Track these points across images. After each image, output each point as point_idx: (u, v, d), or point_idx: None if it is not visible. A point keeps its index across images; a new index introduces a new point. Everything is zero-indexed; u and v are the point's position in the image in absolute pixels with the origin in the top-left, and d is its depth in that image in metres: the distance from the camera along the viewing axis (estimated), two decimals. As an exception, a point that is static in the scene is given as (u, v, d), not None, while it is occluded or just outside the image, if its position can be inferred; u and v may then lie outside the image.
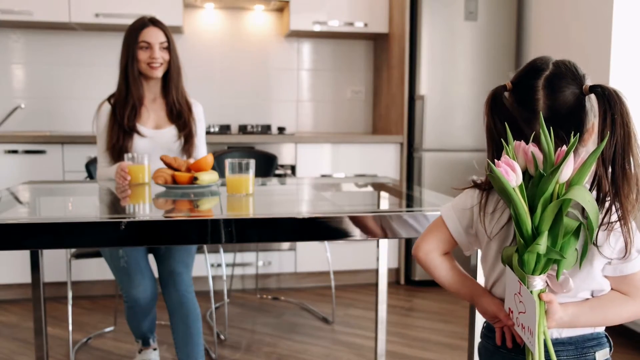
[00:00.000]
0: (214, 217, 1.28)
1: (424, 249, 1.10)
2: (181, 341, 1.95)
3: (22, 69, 3.55)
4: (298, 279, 3.46)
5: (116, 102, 2.20)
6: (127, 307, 2.01)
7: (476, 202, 1.06)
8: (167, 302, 2.00)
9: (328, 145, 3.33)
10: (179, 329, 1.96)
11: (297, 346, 2.55)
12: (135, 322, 2.07)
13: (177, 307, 1.97)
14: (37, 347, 1.93)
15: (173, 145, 2.24)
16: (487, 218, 1.04)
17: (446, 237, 1.09)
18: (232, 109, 3.81)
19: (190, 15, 3.70)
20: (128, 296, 1.96)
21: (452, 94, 3.40)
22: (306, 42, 3.87)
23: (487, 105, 1.04)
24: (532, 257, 0.92)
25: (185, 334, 1.95)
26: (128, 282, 1.95)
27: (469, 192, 1.09)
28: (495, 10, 3.40)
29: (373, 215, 1.32)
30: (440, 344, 2.60)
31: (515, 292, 0.95)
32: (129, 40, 2.18)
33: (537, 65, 1.03)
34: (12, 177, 2.99)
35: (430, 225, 1.13)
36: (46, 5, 3.21)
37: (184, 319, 1.96)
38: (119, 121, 2.16)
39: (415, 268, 3.45)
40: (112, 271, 2.02)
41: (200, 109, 2.38)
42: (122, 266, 1.96)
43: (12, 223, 1.20)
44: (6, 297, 3.15)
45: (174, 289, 1.98)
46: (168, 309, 2.00)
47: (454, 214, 1.09)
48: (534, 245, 0.90)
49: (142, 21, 2.20)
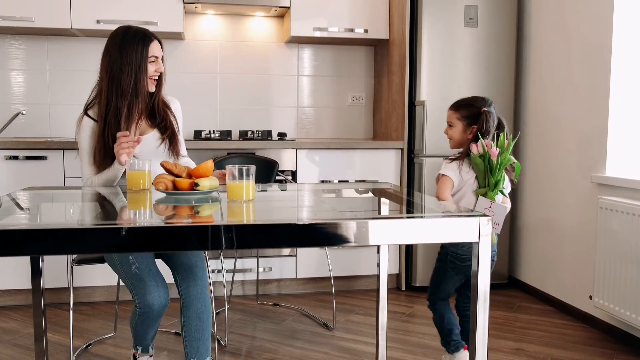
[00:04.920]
0: (214, 223, 1.28)
1: (446, 196, 2.14)
2: (192, 336, 1.98)
3: (24, 75, 3.56)
4: (298, 285, 3.46)
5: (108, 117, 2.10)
6: (139, 314, 1.97)
7: (456, 167, 2.17)
8: (183, 296, 2.01)
9: (328, 151, 3.34)
10: (192, 323, 1.98)
11: (297, 352, 2.54)
12: (144, 328, 2.04)
13: (194, 302, 2.00)
14: (38, 353, 1.93)
15: (158, 149, 2.23)
16: (463, 174, 2.15)
17: (451, 184, 2.15)
18: (232, 114, 3.82)
19: (191, 21, 3.71)
20: (142, 302, 1.93)
21: (452, 100, 3.36)
22: (307, 48, 3.88)
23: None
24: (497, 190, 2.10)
25: (198, 329, 1.98)
26: (142, 289, 1.93)
27: (452, 163, 2.18)
28: (495, 16, 3.41)
29: (373, 221, 1.33)
30: (441, 350, 2.59)
31: (486, 207, 2.06)
32: (136, 55, 2.11)
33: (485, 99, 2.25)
34: (12, 183, 2.99)
35: (439, 184, 2.16)
36: (47, 12, 3.22)
37: (199, 314, 1.99)
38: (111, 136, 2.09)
39: (415, 274, 3.45)
40: (123, 278, 1.99)
41: (178, 105, 2.35)
42: (134, 272, 1.94)
43: (12, 229, 1.20)
44: (7, 303, 3.14)
45: (194, 283, 2.01)
46: (183, 303, 2.01)
47: (451, 172, 2.15)
48: (499, 184, 2.10)
49: (145, 33, 2.16)
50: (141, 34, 2.15)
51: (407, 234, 1.36)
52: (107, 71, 2.12)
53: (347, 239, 1.32)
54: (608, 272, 2.66)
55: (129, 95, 2.12)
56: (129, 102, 2.12)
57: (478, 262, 1.37)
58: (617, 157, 2.81)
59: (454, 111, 2.26)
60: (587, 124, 2.94)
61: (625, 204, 2.55)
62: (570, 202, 3.08)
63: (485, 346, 1.40)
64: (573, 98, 3.06)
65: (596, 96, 2.87)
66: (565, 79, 3.13)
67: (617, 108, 2.79)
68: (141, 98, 2.16)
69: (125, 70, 2.10)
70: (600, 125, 2.84)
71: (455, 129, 2.25)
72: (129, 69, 2.11)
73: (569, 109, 3.09)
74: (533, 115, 3.43)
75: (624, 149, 2.81)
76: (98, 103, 2.15)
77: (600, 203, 2.71)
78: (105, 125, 2.10)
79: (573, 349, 2.62)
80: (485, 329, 1.39)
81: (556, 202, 3.20)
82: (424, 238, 1.38)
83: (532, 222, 3.45)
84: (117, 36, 2.14)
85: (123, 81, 2.10)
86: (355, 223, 1.32)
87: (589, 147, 2.92)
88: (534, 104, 3.43)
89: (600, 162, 2.84)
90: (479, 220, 1.37)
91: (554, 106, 3.23)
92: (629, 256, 2.53)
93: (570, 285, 3.09)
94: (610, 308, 2.65)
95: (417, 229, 1.36)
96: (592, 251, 2.89)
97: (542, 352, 2.57)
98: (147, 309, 1.93)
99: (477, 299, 1.38)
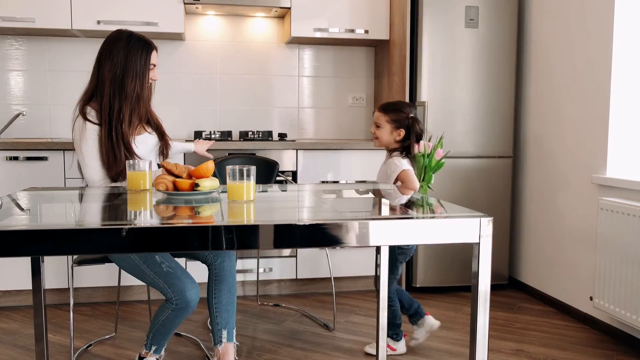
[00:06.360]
0: (215, 223, 1.28)
1: (417, 185, 2.38)
2: (223, 308, 2.13)
3: (24, 76, 3.56)
4: (299, 285, 3.46)
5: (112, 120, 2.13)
6: (176, 310, 2.00)
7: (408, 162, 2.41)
8: (217, 270, 2.16)
9: (329, 151, 3.34)
10: (223, 296, 2.14)
11: (298, 353, 2.54)
12: (176, 325, 2.08)
13: (227, 276, 2.16)
14: (38, 353, 1.93)
15: (153, 149, 2.30)
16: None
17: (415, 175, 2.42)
18: (233, 115, 3.82)
19: (191, 22, 3.71)
20: (181, 299, 1.98)
21: (452, 101, 3.40)
22: (307, 49, 3.88)
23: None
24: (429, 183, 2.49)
25: (228, 301, 2.15)
26: (180, 286, 1.98)
27: (404, 160, 2.42)
28: (495, 17, 3.41)
29: (374, 221, 1.33)
30: (442, 350, 2.59)
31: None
32: (140, 61, 2.16)
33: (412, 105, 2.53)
34: (13, 184, 2.99)
35: (409, 178, 2.36)
36: (48, 13, 3.23)
37: (230, 287, 2.16)
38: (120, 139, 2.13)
39: (416, 274, 3.45)
40: (151, 279, 2.00)
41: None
42: (167, 271, 1.99)
43: (13, 230, 1.20)
44: (7, 303, 3.14)
45: (228, 259, 2.18)
46: (216, 277, 2.16)
47: (409, 167, 2.40)
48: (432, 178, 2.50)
49: (147, 42, 2.21)
50: (144, 42, 2.21)
51: (407, 235, 1.36)
52: (109, 74, 2.14)
53: (348, 239, 1.32)
54: (608, 273, 2.66)
55: (132, 100, 2.16)
56: (132, 107, 2.16)
57: (478, 263, 1.37)
58: (618, 158, 2.81)
59: (384, 114, 2.46)
60: (588, 125, 2.94)
61: (626, 205, 2.55)
62: (570, 203, 3.08)
63: (485, 347, 1.40)
64: (574, 98, 3.06)
65: (597, 97, 2.87)
66: (565, 80, 3.12)
67: (617, 109, 2.79)
68: (142, 104, 2.21)
69: (130, 76, 2.15)
70: (601, 126, 2.84)
71: (383, 130, 2.46)
72: (133, 74, 2.15)
73: (569, 110, 3.09)
74: (533, 116, 3.43)
75: (625, 150, 2.81)
76: (98, 106, 2.15)
77: (600, 204, 2.71)
78: (110, 128, 2.13)
79: (573, 350, 2.62)
80: (486, 329, 1.39)
81: (557, 203, 3.20)
82: (424, 239, 1.38)
83: (532, 223, 3.45)
84: (121, 40, 2.17)
85: (127, 86, 2.15)
86: (356, 224, 1.32)
87: (590, 148, 2.92)
88: (534, 105, 3.42)
89: (600, 163, 2.84)
90: (479, 220, 1.37)
91: (554, 107, 3.23)
92: (630, 257, 2.53)
93: (570, 286, 3.09)
94: (610, 309, 2.65)
95: (417, 230, 1.36)
96: (593, 252, 2.88)
97: (542, 353, 2.57)
98: (185, 304, 1.99)
99: (477, 299, 1.38)
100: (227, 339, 2.13)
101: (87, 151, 2.14)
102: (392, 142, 2.47)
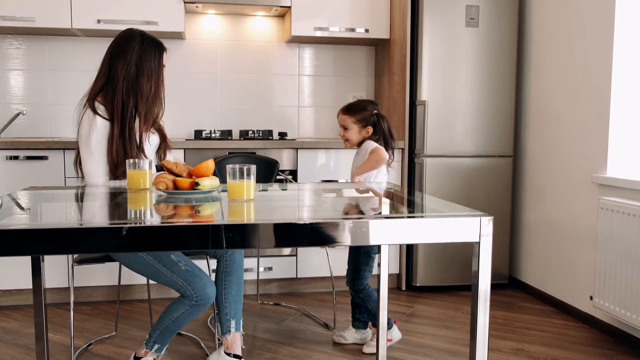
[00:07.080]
0: (215, 222, 1.28)
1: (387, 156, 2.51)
2: (232, 299, 2.23)
3: (24, 75, 3.56)
4: (299, 284, 3.46)
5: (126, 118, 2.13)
6: (194, 306, 2.04)
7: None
8: (228, 262, 2.24)
9: (329, 150, 3.33)
10: (232, 287, 2.23)
11: (298, 352, 2.54)
12: (185, 324, 2.11)
13: (236, 268, 2.24)
14: (38, 353, 1.93)
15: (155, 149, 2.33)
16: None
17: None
18: (233, 114, 3.82)
19: (191, 21, 3.71)
20: (202, 295, 2.02)
21: (453, 100, 3.40)
22: (307, 48, 3.88)
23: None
24: None
25: (237, 292, 2.24)
26: (199, 283, 2.02)
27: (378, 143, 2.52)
28: (496, 16, 3.41)
29: (374, 220, 1.33)
30: (442, 350, 2.59)
31: None
32: (154, 61, 2.19)
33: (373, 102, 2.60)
34: (13, 183, 2.99)
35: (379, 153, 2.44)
36: (48, 12, 3.22)
37: (238, 279, 2.24)
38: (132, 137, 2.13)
39: (416, 274, 3.45)
40: (170, 277, 2.02)
41: None
42: (185, 269, 2.02)
43: (13, 229, 1.20)
44: (8, 303, 3.15)
45: (238, 252, 2.27)
46: (226, 269, 2.24)
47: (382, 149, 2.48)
48: None
49: (159, 43, 2.24)
50: (156, 42, 2.24)
51: (408, 234, 1.36)
52: (122, 72, 2.15)
53: (348, 238, 1.32)
54: (609, 273, 2.66)
55: (149, 99, 2.19)
56: (147, 106, 2.18)
57: (478, 262, 1.37)
58: (618, 157, 2.80)
59: (349, 116, 2.52)
60: (588, 124, 2.94)
61: (626, 204, 2.55)
62: (571, 202, 3.08)
63: (485, 346, 1.40)
64: (574, 98, 3.06)
65: (597, 96, 2.87)
66: (566, 79, 3.12)
67: (618, 108, 2.79)
68: (159, 103, 2.25)
69: (144, 75, 2.18)
70: (601, 125, 2.84)
71: (351, 132, 2.53)
72: (148, 74, 2.18)
73: (570, 109, 3.09)
74: (534, 115, 3.43)
75: (625, 149, 2.81)
76: (110, 102, 2.15)
77: (601, 203, 2.71)
78: (123, 125, 2.13)
79: (573, 350, 2.62)
80: (486, 329, 1.39)
81: (557, 203, 3.20)
82: (424, 238, 1.37)
83: (532, 223, 3.45)
84: (134, 40, 2.19)
85: (143, 84, 2.17)
86: (356, 223, 1.32)
87: (590, 148, 2.92)
88: (534, 104, 3.42)
89: (601, 163, 2.84)
90: (480, 220, 1.37)
91: (555, 106, 3.23)
92: (630, 257, 2.53)
93: (570, 285, 3.09)
94: (610, 309, 2.65)
95: (418, 229, 1.36)
96: (593, 252, 2.88)
97: (542, 353, 2.57)
98: (205, 300, 2.04)
99: (477, 298, 1.38)
100: (235, 328, 2.23)
101: (95, 144, 2.13)
102: (362, 140, 2.55)
